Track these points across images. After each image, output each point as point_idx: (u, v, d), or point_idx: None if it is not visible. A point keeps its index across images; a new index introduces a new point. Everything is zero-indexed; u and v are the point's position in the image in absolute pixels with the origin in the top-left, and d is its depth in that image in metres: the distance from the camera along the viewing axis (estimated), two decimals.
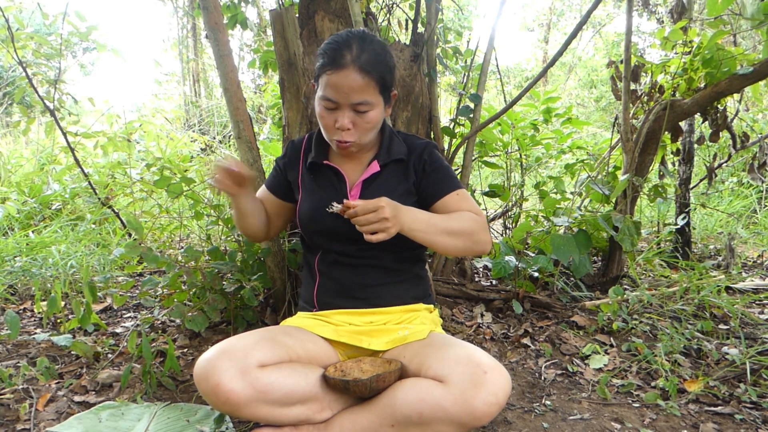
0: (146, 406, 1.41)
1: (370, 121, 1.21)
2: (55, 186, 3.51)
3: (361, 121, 1.20)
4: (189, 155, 4.68)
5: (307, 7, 1.98)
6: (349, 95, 1.16)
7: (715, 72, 2.22)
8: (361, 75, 1.15)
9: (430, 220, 1.21)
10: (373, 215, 1.10)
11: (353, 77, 1.15)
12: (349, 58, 1.15)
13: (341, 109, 1.19)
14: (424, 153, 1.34)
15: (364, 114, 1.20)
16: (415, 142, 1.37)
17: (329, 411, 1.17)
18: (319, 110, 1.22)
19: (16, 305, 2.26)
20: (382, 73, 1.19)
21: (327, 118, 1.21)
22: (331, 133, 1.23)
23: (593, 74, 12.00)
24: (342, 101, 1.17)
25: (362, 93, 1.17)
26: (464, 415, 1.02)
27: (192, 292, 1.87)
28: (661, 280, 2.57)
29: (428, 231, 1.19)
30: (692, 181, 3.03)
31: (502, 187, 2.65)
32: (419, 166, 1.33)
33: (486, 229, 1.28)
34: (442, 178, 1.32)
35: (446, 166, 1.36)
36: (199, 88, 9.33)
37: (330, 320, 1.30)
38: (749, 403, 1.48)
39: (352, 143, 1.23)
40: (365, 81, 1.16)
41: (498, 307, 2.16)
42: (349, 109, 1.18)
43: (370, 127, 1.22)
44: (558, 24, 15.25)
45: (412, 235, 1.18)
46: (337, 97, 1.17)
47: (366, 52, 1.16)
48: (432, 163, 1.33)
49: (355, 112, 1.19)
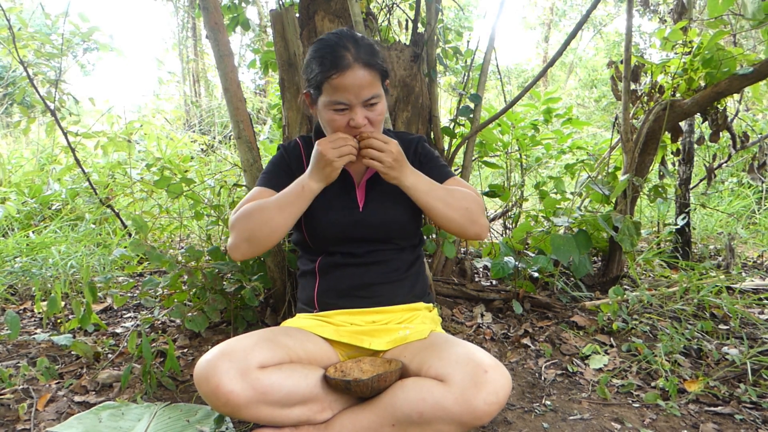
0: (146, 406, 1.41)
1: (381, 113, 1.22)
2: (55, 186, 3.51)
3: (373, 115, 1.21)
4: (189, 155, 4.68)
5: (307, 7, 1.98)
6: (360, 93, 1.17)
7: (715, 72, 2.21)
8: (367, 70, 1.17)
9: (432, 184, 1.26)
10: (383, 145, 1.16)
11: (361, 74, 1.16)
12: (350, 58, 1.15)
13: (353, 109, 1.18)
14: (418, 147, 1.39)
15: (375, 107, 1.21)
16: (406, 137, 1.41)
17: (330, 411, 1.17)
18: (329, 116, 1.20)
19: (16, 305, 2.26)
20: (380, 64, 1.21)
21: (339, 120, 1.20)
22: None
23: (594, 74, 12.00)
24: (354, 101, 1.17)
25: (371, 87, 1.18)
26: (465, 415, 1.02)
27: (192, 293, 1.88)
28: (661, 280, 2.57)
29: (429, 193, 1.24)
30: (692, 181, 3.03)
31: (502, 187, 2.65)
32: (415, 160, 1.37)
33: (483, 213, 1.32)
34: (438, 168, 1.37)
35: (438, 156, 1.41)
36: (199, 88, 9.34)
37: (331, 320, 1.30)
38: (749, 403, 1.48)
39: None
40: (372, 75, 1.17)
41: (498, 307, 2.16)
42: (360, 106, 1.19)
43: (381, 119, 1.24)
44: (559, 24, 15.24)
45: (413, 193, 1.22)
46: (349, 99, 1.17)
47: (362, 47, 1.18)
48: (426, 155, 1.39)
49: (367, 108, 1.20)
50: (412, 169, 1.23)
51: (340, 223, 1.29)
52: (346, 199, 1.30)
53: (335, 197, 1.30)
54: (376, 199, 1.31)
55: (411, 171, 1.23)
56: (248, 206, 1.23)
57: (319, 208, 1.29)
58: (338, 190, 1.30)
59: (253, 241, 1.20)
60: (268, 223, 1.20)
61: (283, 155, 1.38)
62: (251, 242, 1.21)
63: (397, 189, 1.29)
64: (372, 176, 1.31)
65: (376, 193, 1.31)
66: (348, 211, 1.29)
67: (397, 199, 1.29)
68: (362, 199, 1.30)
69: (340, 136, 1.18)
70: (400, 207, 1.31)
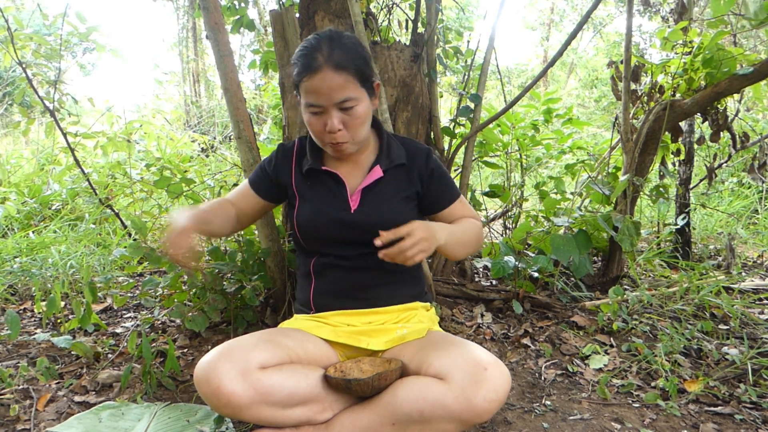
0: (146, 407, 1.41)
1: (358, 116, 1.20)
2: (55, 186, 3.51)
3: (349, 119, 1.19)
4: (189, 155, 4.68)
5: (307, 7, 1.98)
6: (330, 95, 1.15)
7: (715, 72, 2.21)
8: (337, 72, 1.14)
9: (455, 234, 1.26)
10: (410, 242, 1.10)
11: (329, 77, 1.14)
12: (321, 60, 1.14)
13: (328, 112, 1.17)
14: (429, 161, 1.35)
15: (351, 110, 1.18)
16: (414, 146, 1.37)
17: (330, 411, 1.17)
18: (307, 118, 1.21)
19: (16, 305, 2.26)
20: (357, 66, 1.17)
21: (316, 124, 1.20)
22: (323, 138, 1.21)
23: (594, 74, 11.99)
24: (325, 103, 1.16)
25: (343, 90, 1.16)
26: (465, 412, 1.02)
27: (192, 293, 1.87)
28: (661, 280, 2.57)
29: (454, 244, 1.25)
30: (692, 181, 3.03)
31: (502, 187, 2.65)
32: (425, 173, 1.34)
33: (483, 237, 1.37)
34: (447, 187, 1.38)
35: (447, 173, 1.40)
36: (199, 88, 9.34)
37: (328, 321, 1.30)
38: (749, 403, 1.48)
39: (347, 143, 1.22)
40: (343, 77, 1.15)
41: (498, 307, 2.16)
42: (335, 109, 1.17)
43: (359, 123, 1.21)
44: (560, 24, 15.24)
45: (443, 249, 1.22)
46: (320, 101, 1.16)
47: (337, 49, 1.15)
48: (438, 170, 1.36)
49: (342, 111, 1.18)
50: (437, 227, 1.19)
51: (331, 224, 1.27)
52: (338, 201, 1.29)
53: (328, 198, 1.29)
54: (370, 202, 1.29)
55: (439, 229, 1.19)
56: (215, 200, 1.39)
57: (311, 209, 1.29)
58: (331, 192, 1.29)
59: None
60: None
61: (272, 158, 1.38)
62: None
63: (393, 196, 1.29)
64: (369, 184, 1.29)
65: (371, 197, 1.29)
66: (340, 212, 1.27)
67: (393, 202, 1.29)
68: (356, 203, 1.28)
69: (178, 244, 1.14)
70: (395, 209, 1.29)
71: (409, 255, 1.10)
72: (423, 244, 1.12)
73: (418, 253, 1.11)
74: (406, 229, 1.11)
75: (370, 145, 1.34)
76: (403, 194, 1.31)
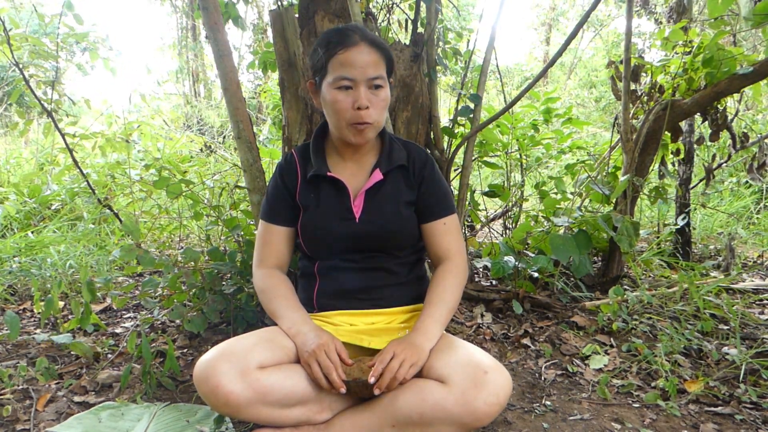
0: (146, 407, 1.41)
1: (384, 98, 1.21)
2: (54, 186, 3.51)
3: (376, 99, 1.19)
4: (188, 155, 4.68)
5: (307, 7, 1.98)
6: (365, 70, 1.16)
7: (715, 72, 2.21)
8: (374, 49, 1.18)
9: (442, 323, 1.24)
10: (399, 370, 1.10)
11: (367, 51, 1.17)
12: (357, 37, 1.17)
13: (357, 88, 1.17)
14: (425, 168, 1.33)
15: (379, 91, 1.19)
16: (414, 149, 1.35)
17: (329, 412, 1.17)
18: (333, 95, 1.18)
19: (15, 305, 2.26)
20: (387, 53, 1.22)
21: (343, 101, 1.17)
22: (348, 117, 1.18)
23: (593, 74, 12.00)
24: (359, 77, 1.16)
25: (376, 67, 1.18)
26: (465, 415, 1.02)
27: (192, 293, 1.87)
28: (661, 280, 2.57)
29: (444, 325, 1.24)
30: (692, 181, 3.03)
31: (502, 187, 2.65)
32: (419, 178, 1.32)
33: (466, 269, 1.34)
34: (437, 200, 1.32)
35: (445, 185, 1.36)
36: (198, 88, 9.34)
37: (330, 320, 1.30)
38: (749, 403, 1.48)
39: (372, 125, 1.20)
40: (378, 56, 1.19)
41: (498, 308, 2.16)
42: (364, 86, 1.17)
43: (384, 105, 1.22)
44: (560, 24, 15.25)
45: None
46: (354, 74, 1.16)
47: (370, 32, 1.21)
48: (432, 180, 1.33)
49: (371, 90, 1.19)
50: (420, 340, 1.17)
51: (336, 235, 1.27)
52: (342, 211, 1.27)
53: (331, 208, 1.28)
54: (374, 209, 1.27)
55: (424, 341, 1.17)
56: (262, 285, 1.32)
57: (315, 220, 1.28)
58: (334, 200, 1.28)
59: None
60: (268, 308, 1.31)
61: (278, 181, 1.34)
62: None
63: (397, 200, 1.28)
64: (372, 186, 1.28)
65: (374, 203, 1.28)
66: (345, 223, 1.26)
67: (395, 208, 1.28)
68: (359, 209, 1.27)
69: (330, 366, 1.12)
70: (398, 217, 1.28)
71: (399, 376, 1.09)
72: (411, 359, 1.12)
73: (408, 369, 1.11)
74: (388, 356, 1.12)
75: (373, 145, 1.34)
76: (404, 199, 1.30)
